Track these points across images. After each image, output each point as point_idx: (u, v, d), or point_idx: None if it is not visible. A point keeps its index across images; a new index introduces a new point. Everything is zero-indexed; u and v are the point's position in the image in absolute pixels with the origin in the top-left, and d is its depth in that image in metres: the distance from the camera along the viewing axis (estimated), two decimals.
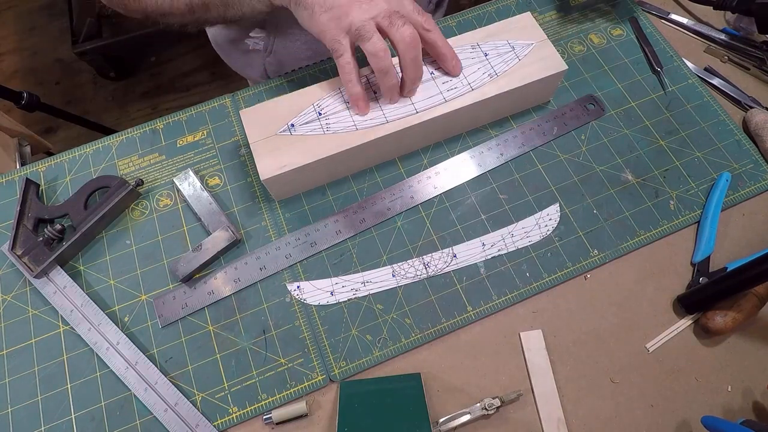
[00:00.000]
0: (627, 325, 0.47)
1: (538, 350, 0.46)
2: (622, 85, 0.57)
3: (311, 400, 0.45)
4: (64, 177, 0.53)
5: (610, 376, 0.45)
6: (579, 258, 0.49)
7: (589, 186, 0.52)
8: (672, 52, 0.59)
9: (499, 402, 0.43)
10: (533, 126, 0.55)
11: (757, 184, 0.52)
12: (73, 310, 0.47)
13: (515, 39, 0.51)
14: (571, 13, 0.62)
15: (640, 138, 0.54)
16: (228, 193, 0.52)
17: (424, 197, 0.51)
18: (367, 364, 0.45)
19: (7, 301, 0.48)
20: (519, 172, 0.53)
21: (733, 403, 0.44)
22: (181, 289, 0.48)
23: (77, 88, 1.56)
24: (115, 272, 0.49)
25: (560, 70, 0.50)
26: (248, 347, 0.46)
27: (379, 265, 0.49)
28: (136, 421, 0.44)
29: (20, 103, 1.05)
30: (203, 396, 0.44)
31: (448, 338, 0.47)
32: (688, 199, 0.51)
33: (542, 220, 0.50)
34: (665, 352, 0.46)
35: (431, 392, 0.44)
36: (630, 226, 0.50)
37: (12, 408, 0.44)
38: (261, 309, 0.47)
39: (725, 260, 0.49)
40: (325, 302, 0.47)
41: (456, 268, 0.49)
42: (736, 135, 0.54)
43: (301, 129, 0.48)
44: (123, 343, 0.45)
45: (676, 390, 0.45)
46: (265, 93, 0.57)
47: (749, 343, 0.46)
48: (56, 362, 0.46)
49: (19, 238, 0.48)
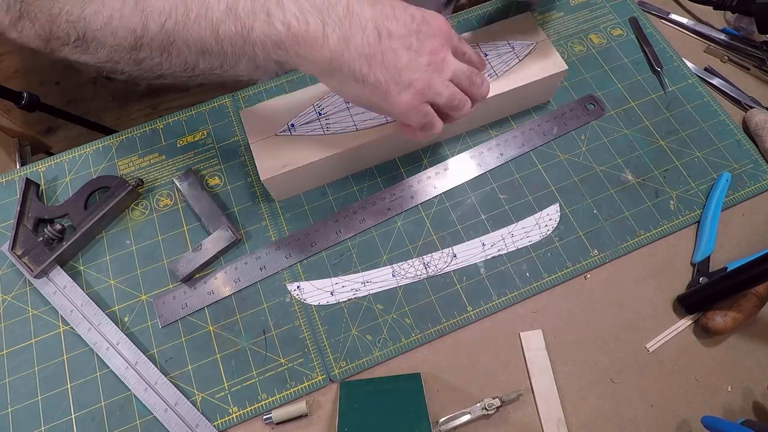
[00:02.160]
0: (627, 325, 0.47)
1: (538, 350, 0.46)
2: (622, 85, 0.57)
3: (311, 400, 0.44)
4: (64, 177, 0.53)
5: (610, 376, 0.45)
6: (579, 258, 0.49)
7: (589, 186, 0.52)
8: (672, 52, 0.59)
9: (499, 402, 0.43)
10: (533, 126, 0.55)
11: (757, 184, 0.52)
12: (73, 310, 0.47)
13: (515, 39, 0.51)
14: (571, 13, 0.62)
15: (640, 138, 0.54)
16: (228, 193, 0.52)
17: (424, 197, 0.51)
18: (367, 364, 0.45)
19: (7, 301, 0.48)
20: (519, 172, 0.53)
21: (733, 403, 0.44)
22: (181, 289, 0.48)
23: (77, 88, 1.56)
24: (115, 272, 0.49)
25: (560, 71, 0.50)
26: (248, 347, 0.46)
27: (379, 265, 0.49)
28: (136, 421, 0.44)
29: (20, 103, 1.05)
30: (203, 396, 0.44)
31: (448, 338, 0.47)
32: (688, 199, 0.51)
33: (542, 220, 0.50)
34: (665, 352, 0.46)
35: (431, 392, 0.44)
36: (630, 226, 0.50)
37: (12, 408, 0.44)
38: (261, 309, 0.47)
39: (725, 260, 0.49)
40: (325, 302, 0.47)
41: (456, 268, 0.49)
42: (736, 135, 0.54)
43: (301, 129, 0.48)
44: (123, 343, 0.45)
45: (676, 390, 0.45)
46: (265, 93, 0.57)
47: (749, 343, 0.46)
48: (56, 362, 0.46)
49: (19, 238, 0.48)
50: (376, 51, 0.35)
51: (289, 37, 0.33)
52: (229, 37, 0.32)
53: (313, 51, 0.34)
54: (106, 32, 0.31)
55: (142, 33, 0.32)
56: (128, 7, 0.31)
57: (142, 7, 0.31)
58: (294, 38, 0.33)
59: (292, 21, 0.32)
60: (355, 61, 0.35)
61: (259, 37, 0.33)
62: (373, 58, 0.35)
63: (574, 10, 0.62)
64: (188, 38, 0.32)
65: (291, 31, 0.33)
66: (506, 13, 0.61)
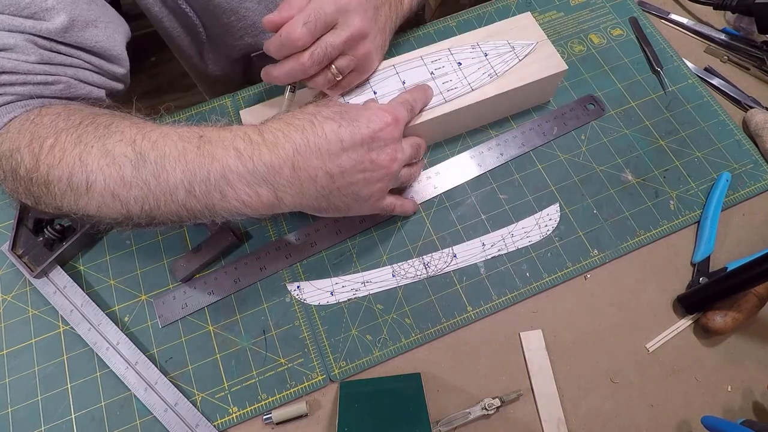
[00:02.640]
0: (627, 325, 0.47)
1: (538, 350, 0.46)
2: (622, 85, 0.57)
3: (311, 400, 0.44)
4: None
5: (610, 376, 0.45)
6: (579, 258, 0.49)
7: (589, 186, 0.52)
8: (672, 52, 0.59)
9: (499, 402, 0.43)
10: (533, 126, 0.55)
11: (757, 184, 0.52)
12: (73, 310, 0.47)
13: (515, 39, 0.51)
14: (571, 13, 0.62)
15: (640, 138, 0.54)
16: None
17: (424, 197, 0.51)
18: (367, 364, 0.45)
19: (7, 301, 0.48)
20: (519, 172, 0.53)
21: (733, 403, 0.44)
22: (181, 289, 0.48)
23: None
24: (115, 272, 0.49)
25: (560, 70, 0.50)
26: (248, 347, 0.46)
27: (379, 265, 0.49)
28: (136, 421, 0.44)
29: None
30: (203, 396, 0.44)
31: (448, 338, 0.47)
32: (688, 199, 0.51)
33: (542, 220, 0.50)
34: (665, 352, 0.46)
35: (431, 392, 0.44)
36: (630, 226, 0.50)
37: (12, 408, 0.44)
38: (261, 309, 0.47)
39: (725, 260, 0.49)
40: (325, 302, 0.47)
41: (456, 268, 0.49)
42: (736, 135, 0.54)
43: None
44: (123, 343, 0.45)
45: (676, 390, 0.45)
46: (265, 93, 0.57)
47: (749, 343, 0.46)
48: (56, 362, 0.46)
49: (19, 238, 0.48)
50: (332, 189, 0.38)
51: (249, 209, 0.37)
52: (199, 210, 0.37)
53: (273, 210, 0.38)
54: (100, 214, 0.38)
55: (128, 214, 0.37)
56: (108, 200, 0.37)
57: (119, 199, 0.36)
58: (252, 208, 0.37)
59: (244, 198, 0.36)
60: (313, 204, 0.39)
61: (223, 209, 0.37)
62: (331, 195, 0.39)
63: (574, 10, 0.62)
64: (166, 214, 0.37)
65: (247, 204, 0.37)
66: (506, 13, 0.61)
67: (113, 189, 0.36)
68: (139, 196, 0.36)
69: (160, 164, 0.36)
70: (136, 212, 0.37)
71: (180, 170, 0.36)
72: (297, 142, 0.36)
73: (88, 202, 0.37)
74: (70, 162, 0.36)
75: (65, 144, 0.37)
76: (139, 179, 0.36)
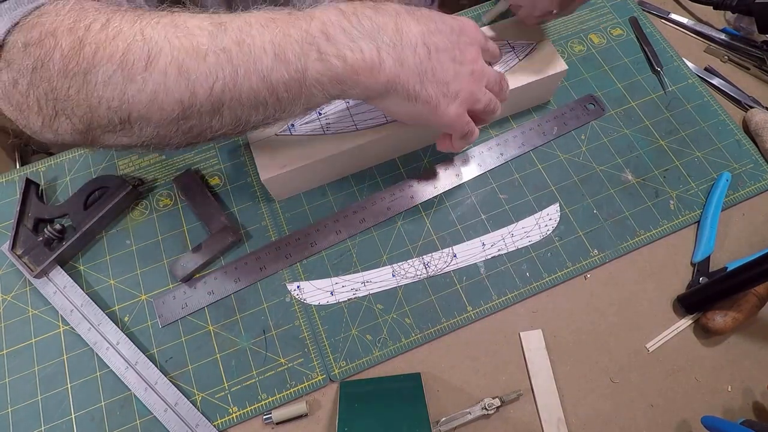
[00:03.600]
0: (627, 325, 0.47)
1: (538, 350, 0.46)
2: (622, 85, 0.57)
3: (311, 400, 0.44)
4: (64, 177, 0.53)
5: (610, 375, 0.45)
6: (579, 258, 0.49)
7: (589, 186, 0.52)
8: (672, 52, 0.59)
9: (499, 402, 0.43)
10: (533, 126, 0.55)
11: (757, 184, 0.52)
12: (73, 310, 0.47)
13: (515, 39, 0.51)
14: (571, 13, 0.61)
15: (640, 138, 0.54)
16: (228, 193, 0.52)
17: (424, 197, 0.51)
18: (367, 364, 0.45)
19: (7, 301, 0.48)
20: (519, 172, 0.53)
21: (733, 403, 0.44)
22: (181, 289, 0.48)
23: None
24: (115, 272, 0.49)
25: (560, 70, 0.50)
26: (248, 347, 0.46)
27: (379, 265, 0.49)
28: (136, 421, 0.44)
29: None
30: (203, 396, 0.44)
31: (448, 338, 0.47)
32: (688, 199, 0.51)
33: (542, 220, 0.50)
34: (665, 352, 0.46)
35: (431, 392, 0.44)
36: (630, 226, 0.50)
37: (12, 408, 0.44)
38: (261, 309, 0.47)
39: (725, 260, 0.49)
40: (325, 302, 0.47)
41: (456, 268, 0.49)
42: (736, 135, 0.54)
43: (301, 129, 0.48)
44: (123, 343, 0.45)
45: (676, 390, 0.45)
46: None
47: (749, 343, 0.46)
48: (56, 362, 0.46)
49: (19, 238, 0.48)
50: (427, 67, 0.35)
51: (347, 70, 0.32)
52: (284, 84, 0.32)
53: (371, 78, 0.33)
54: (151, 109, 0.30)
55: (190, 101, 0.31)
56: (171, 79, 0.30)
57: (186, 75, 0.30)
58: (352, 69, 0.32)
59: (346, 53, 0.32)
60: (409, 81, 0.35)
61: (315, 77, 0.32)
62: (425, 75, 0.35)
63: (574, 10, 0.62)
64: (239, 95, 0.31)
65: (348, 63, 0.32)
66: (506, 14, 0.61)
67: (182, 61, 0.29)
68: (213, 69, 0.30)
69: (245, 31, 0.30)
70: (203, 95, 0.30)
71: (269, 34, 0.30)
72: (398, 9, 0.35)
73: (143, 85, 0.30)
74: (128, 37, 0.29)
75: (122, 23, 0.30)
76: (217, 47, 0.30)
